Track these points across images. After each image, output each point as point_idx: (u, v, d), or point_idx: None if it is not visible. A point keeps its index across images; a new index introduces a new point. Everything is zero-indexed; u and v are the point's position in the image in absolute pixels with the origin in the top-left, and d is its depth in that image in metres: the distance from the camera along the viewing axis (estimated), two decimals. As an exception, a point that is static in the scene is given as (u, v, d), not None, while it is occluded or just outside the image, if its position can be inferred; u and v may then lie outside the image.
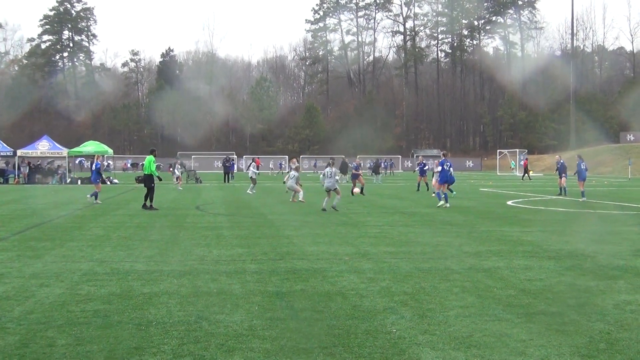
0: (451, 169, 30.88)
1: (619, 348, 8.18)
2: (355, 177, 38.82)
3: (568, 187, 39.86)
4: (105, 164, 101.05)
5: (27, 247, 16.89)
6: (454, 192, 37.53)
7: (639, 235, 20.06)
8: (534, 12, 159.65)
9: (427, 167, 43.05)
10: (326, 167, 26.65)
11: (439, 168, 30.58)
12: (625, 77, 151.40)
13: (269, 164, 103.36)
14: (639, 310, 10.13)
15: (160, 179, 31.33)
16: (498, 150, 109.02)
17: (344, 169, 66.00)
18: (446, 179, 30.53)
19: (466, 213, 27.95)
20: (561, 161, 40.90)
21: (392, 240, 18.59)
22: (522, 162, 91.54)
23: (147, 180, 29.64)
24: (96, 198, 32.75)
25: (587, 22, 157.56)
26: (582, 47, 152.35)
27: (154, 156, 30.47)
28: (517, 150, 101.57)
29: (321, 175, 28.10)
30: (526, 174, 72.30)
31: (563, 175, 39.92)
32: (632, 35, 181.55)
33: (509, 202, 34.34)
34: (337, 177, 26.29)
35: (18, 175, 61.88)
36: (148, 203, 29.16)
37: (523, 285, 11.97)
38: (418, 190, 43.85)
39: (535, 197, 38.67)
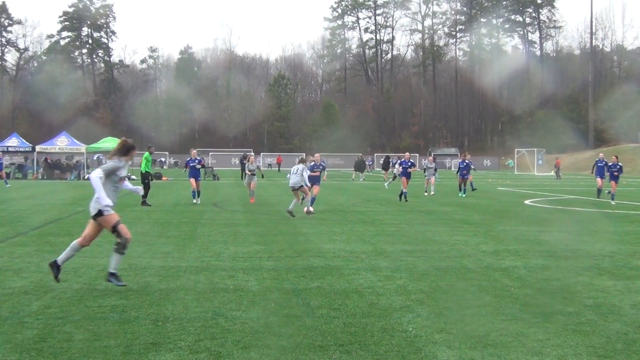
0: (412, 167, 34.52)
1: (636, 348, 8.16)
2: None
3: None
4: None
5: (45, 242, 16.98)
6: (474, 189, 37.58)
7: (657, 236, 19.97)
8: (552, 10, 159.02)
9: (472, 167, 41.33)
10: (298, 163, 25.91)
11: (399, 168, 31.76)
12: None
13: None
14: (657, 310, 10.09)
15: (152, 178, 31.82)
16: (516, 150, 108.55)
17: (361, 167, 65.93)
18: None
19: (483, 212, 27.89)
20: (603, 161, 37.33)
21: (409, 238, 18.58)
22: (541, 161, 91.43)
23: (142, 177, 30.12)
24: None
25: (606, 21, 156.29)
26: (601, 46, 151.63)
27: (150, 153, 31.10)
28: (535, 149, 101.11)
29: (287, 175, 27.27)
30: (557, 174, 72.27)
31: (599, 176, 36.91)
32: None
33: (527, 202, 34.24)
34: (306, 174, 25.53)
35: (37, 171, 62.15)
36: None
37: (540, 285, 11.95)
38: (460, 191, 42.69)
39: (553, 197, 38.53)
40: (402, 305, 10.24)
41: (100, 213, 11.29)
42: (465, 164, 38.78)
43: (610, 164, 34.65)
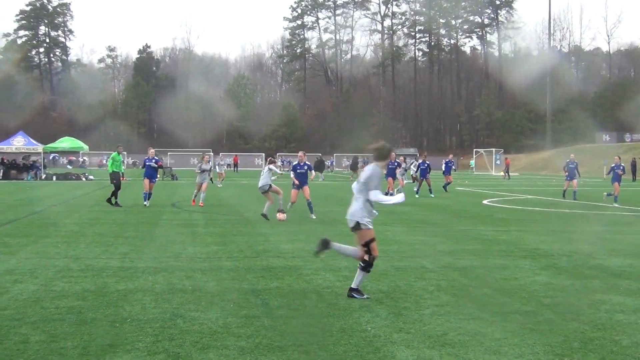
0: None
1: (592, 347, 8.22)
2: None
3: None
4: (81, 160, 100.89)
5: (1, 244, 16.80)
6: (432, 195, 37.48)
7: (614, 235, 20.17)
8: (511, 12, 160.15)
9: (454, 166, 40.99)
10: (267, 164, 25.67)
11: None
12: (601, 77, 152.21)
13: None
14: (613, 309, 10.19)
15: (123, 177, 31.38)
16: (474, 150, 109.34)
17: (320, 167, 66.04)
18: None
19: (442, 212, 28.03)
20: (574, 162, 37.19)
21: (368, 238, 18.60)
22: (499, 162, 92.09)
23: (111, 178, 29.74)
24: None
25: (564, 22, 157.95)
26: (559, 47, 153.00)
27: (118, 153, 30.52)
28: (494, 149, 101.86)
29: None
30: (507, 173, 72.91)
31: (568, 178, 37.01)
32: (608, 36, 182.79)
33: (485, 202, 34.45)
34: (273, 177, 25.32)
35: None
36: (113, 200, 29.07)
37: (498, 285, 12.02)
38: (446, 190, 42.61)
39: (511, 197, 38.79)
40: (361, 305, 10.25)
41: (358, 226, 11.30)
42: (426, 164, 38.56)
43: (613, 164, 34.43)
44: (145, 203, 29.26)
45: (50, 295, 10.75)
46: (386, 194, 31.54)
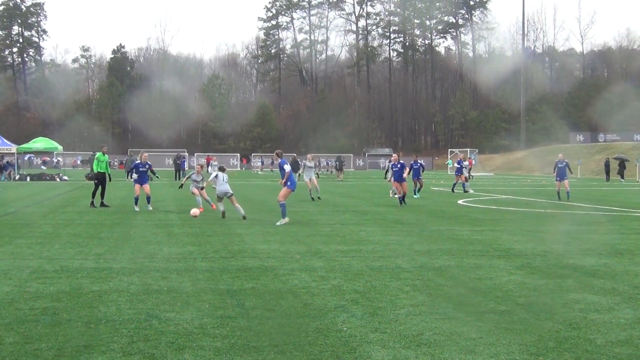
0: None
1: (567, 346, 8.26)
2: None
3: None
4: (55, 160, 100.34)
5: (-26, 245, 16.69)
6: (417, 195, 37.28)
7: (588, 235, 20.26)
8: (485, 12, 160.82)
9: (464, 166, 40.59)
10: (218, 171, 25.47)
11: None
12: (575, 78, 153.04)
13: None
14: (587, 308, 10.24)
15: (110, 179, 30.73)
16: (449, 150, 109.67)
17: (294, 168, 66.02)
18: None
19: (417, 212, 28.09)
20: (564, 161, 36.69)
21: (344, 238, 18.63)
22: (460, 162, 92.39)
23: (94, 177, 29.53)
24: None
25: (538, 23, 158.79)
26: (532, 47, 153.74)
27: (103, 153, 30.05)
28: (468, 149, 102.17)
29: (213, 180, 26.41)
30: (468, 173, 73.22)
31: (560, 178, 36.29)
32: (582, 37, 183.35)
33: (460, 202, 34.55)
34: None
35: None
36: (97, 201, 28.91)
37: (473, 284, 12.06)
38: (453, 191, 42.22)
39: (486, 197, 38.93)
40: (337, 305, 10.26)
41: None
42: (418, 165, 37.98)
43: (557, 160, 34.23)
44: (136, 208, 27.86)
45: (25, 296, 10.70)
46: (402, 198, 31.10)
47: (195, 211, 24.58)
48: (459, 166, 43.06)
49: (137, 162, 29.76)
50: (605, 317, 9.73)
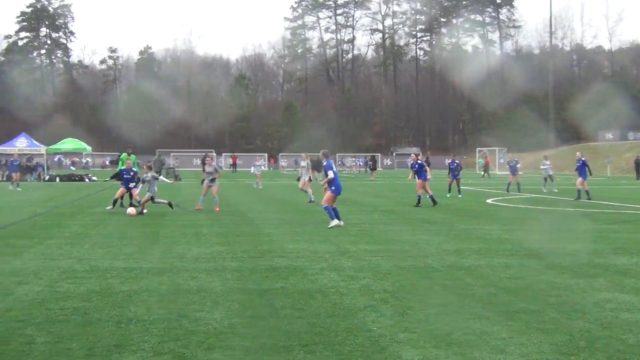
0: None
1: (598, 346, 8.20)
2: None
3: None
4: (84, 161, 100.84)
5: (5, 245, 16.80)
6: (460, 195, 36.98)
7: (618, 234, 20.12)
8: (512, 10, 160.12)
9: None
10: (148, 172, 25.43)
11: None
12: (603, 75, 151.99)
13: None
14: (619, 308, 10.17)
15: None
16: (477, 149, 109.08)
17: (319, 167, 65.86)
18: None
19: (445, 211, 27.99)
20: (580, 160, 36.31)
21: (372, 238, 18.61)
22: (502, 160, 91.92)
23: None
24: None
25: (565, 20, 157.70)
26: (560, 45, 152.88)
27: (128, 154, 30.13)
28: (497, 148, 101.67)
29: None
30: (486, 172, 73.25)
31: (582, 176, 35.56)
32: (610, 34, 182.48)
33: (489, 201, 34.43)
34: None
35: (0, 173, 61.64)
36: (126, 201, 29.02)
37: (503, 284, 12.00)
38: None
39: (515, 196, 38.73)
40: (366, 304, 10.24)
41: None
42: (455, 164, 37.62)
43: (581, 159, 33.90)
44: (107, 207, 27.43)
45: (55, 296, 10.76)
46: (433, 199, 30.60)
47: (131, 210, 24.86)
48: (510, 165, 42.95)
49: (122, 168, 28.95)
50: (637, 317, 9.65)
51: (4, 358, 7.66)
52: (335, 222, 21.37)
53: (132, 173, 27.68)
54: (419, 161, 31.20)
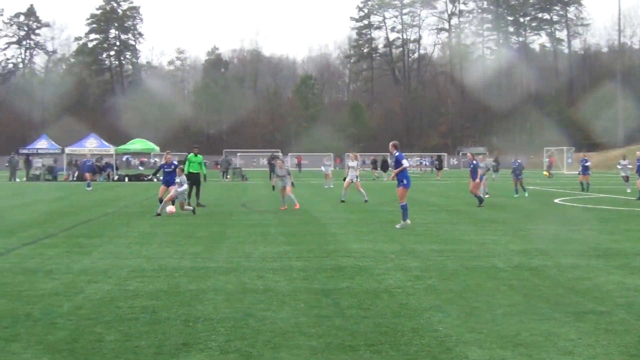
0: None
1: (669, 348, 8.09)
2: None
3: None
4: (152, 161, 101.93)
5: (75, 244, 17.07)
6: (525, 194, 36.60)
7: (689, 234, 19.79)
8: (580, 8, 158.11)
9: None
10: (182, 175, 25.66)
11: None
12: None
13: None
14: (690, 309, 10.01)
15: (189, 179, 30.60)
16: (545, 148, 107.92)
17: (384, 167, 65.77)
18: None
19: (512, 211, 27.77)
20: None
21: (438, 238, 18.54)
22: (570, 160, 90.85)
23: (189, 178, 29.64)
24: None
25: (634, 18, 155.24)
26: (629, 43, 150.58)
27: (195, 154, 30.32)
28: (565, 147, 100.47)
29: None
30: (547, 171, 72.14)
31: None
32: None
33: (557, 200, 34.07)
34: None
35: (69, 173, 62.60)
36: (194, 202, 29.30)
37: (571, 284, 11.88)
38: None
39: (583, 196, 38.27)
40: (432, 305, 10.21)
41: None
42: (517, 163, 37.25)
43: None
44: (160, 211, 25.72)
45: (124, 294, 10.91)
46: (480, 200, 30.26)
47: (171, 209, 24.78)
48: (584, 165, 42.54)
49: (162, 163, 28.36)
50: None
51: (75, 355, 7.79)
52: (408, 222, 21.10)
53: (172, 166, 27.11)
54: (474, 161, 30.73)
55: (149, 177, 55.37)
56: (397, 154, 21.38)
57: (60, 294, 10.96)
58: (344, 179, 33.76)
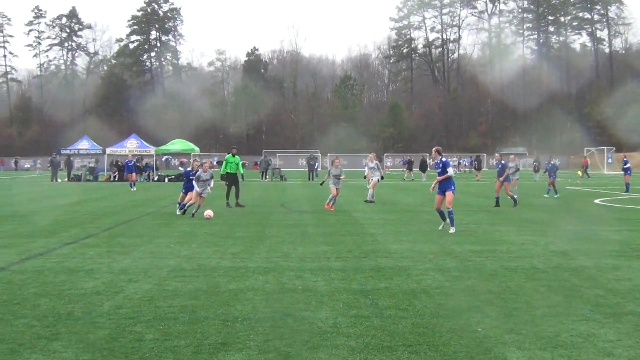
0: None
1: None
2: (626, 171, 38.08)
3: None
4: (192, 161, 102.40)
5: (116, 244, 17.22)
6: (556, 195, 36.44)
7: None
8: (621, 7, 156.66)
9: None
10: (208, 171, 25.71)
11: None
12: None
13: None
14: None
15: (227, 179, 30.81)
16: (585, 148, 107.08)
17: (423, 168, 65.63)
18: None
19: (551, 211, 27.61)
20: None
21: (477, 238, 18.48)
22: (610, 160, 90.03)
23: (226, 179, 30.12)
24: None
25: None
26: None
27: (233, 155, 30.52)
28: (605, 148, 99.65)
29: None
30: (581, 172, 71.28)
31: None
32: None
33: (597, 201, 33.80)
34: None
35: (110, 174, 63.09)
36: (232, 201, 29.46)
37: (611, 285, 11.80)
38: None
39: (624, 196, 37.95)
40: (471, 305, 10.19)
41: None
42: (551, 164, 37.03)
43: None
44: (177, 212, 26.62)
45: (164, 294, 10.99)
46: (497, 201, 30.04)
47: (209, 213, 24.58)
48: (623, 167, 42.39)
49: (188, 169, 28.64)
50: None
51: (114, 354, 7.87)
52: (453, 229, 20.16)
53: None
54: (503, 161, 30.37)
55: (173, 177, 55.60)
56: (444, 159, 21.01)
57: (101, 293, 11.07)
58: (364, 177, 33.71)
